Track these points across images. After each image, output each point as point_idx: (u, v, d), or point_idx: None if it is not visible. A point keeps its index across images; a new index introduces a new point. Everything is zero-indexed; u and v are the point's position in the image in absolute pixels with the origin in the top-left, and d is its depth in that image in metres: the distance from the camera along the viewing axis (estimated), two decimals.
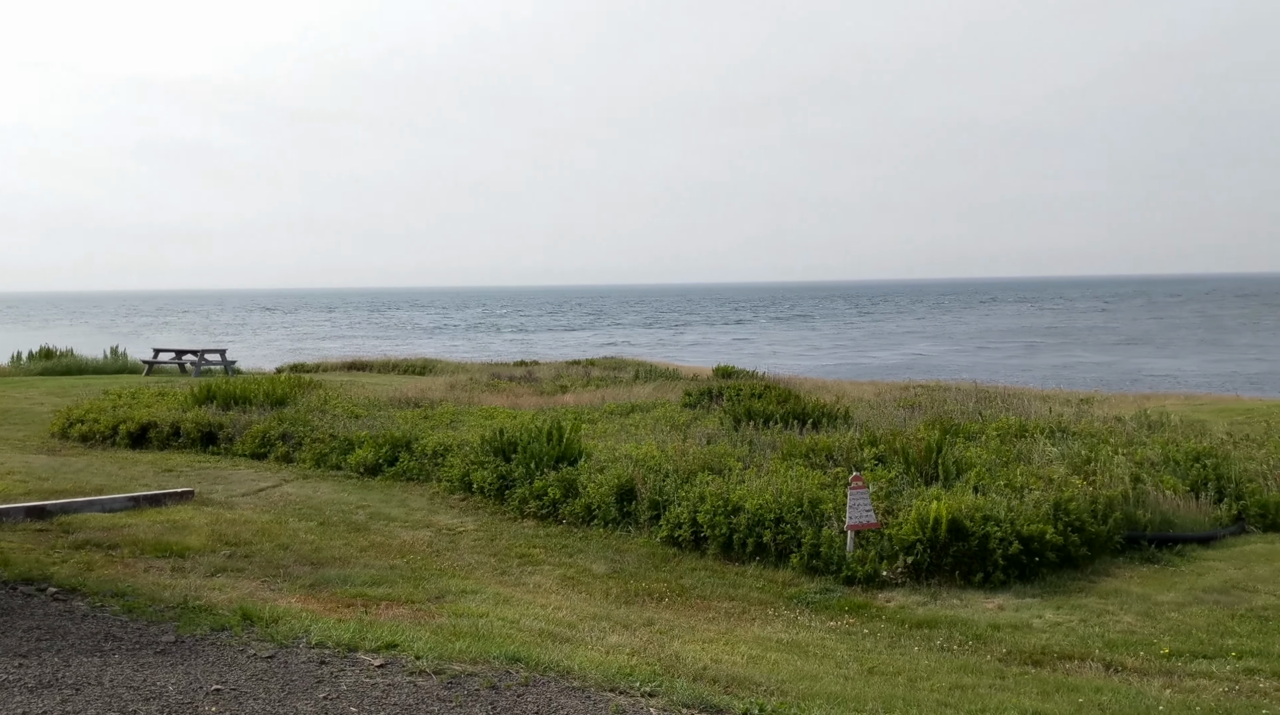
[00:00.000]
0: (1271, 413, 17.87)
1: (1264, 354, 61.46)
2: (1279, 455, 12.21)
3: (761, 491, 10.51)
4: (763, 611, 8.60)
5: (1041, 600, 8.59)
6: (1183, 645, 7.15)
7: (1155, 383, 41.74)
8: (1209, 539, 10.19)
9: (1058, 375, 47.48)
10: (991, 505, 9.66)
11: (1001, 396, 21.82)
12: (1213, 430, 14.25)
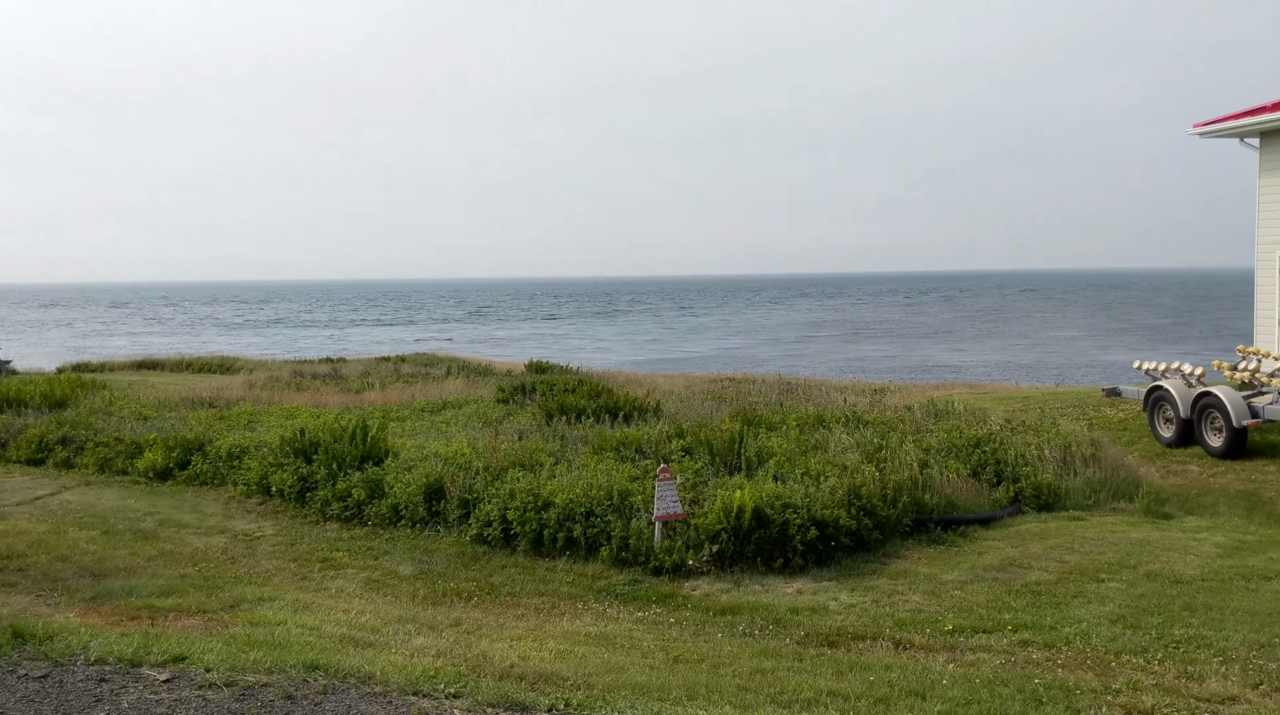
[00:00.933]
0: (1045, 400, 19.22)
1: (1035, 344, 66.15)
2: (1051, 440, 13.12)
3: (572, 486, 10.55)
4: (572, 606, 8.62)
5: (837, 583, 8.95)
6: (965, 621, 7.58)
7: (944, 373, 44.27)
8: (989, 520, 10.87)
9: (855, 366, 49.70)
10: (791, 493, 10.01)
11: (803, 388, 22.64)
12: (993, 418, 15.19)
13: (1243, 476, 12.84)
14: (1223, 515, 11.27)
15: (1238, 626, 7.07)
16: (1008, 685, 6.19)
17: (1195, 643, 6.76)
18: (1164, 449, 14.50)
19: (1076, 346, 63.87)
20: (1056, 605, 7.89)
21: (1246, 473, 12.97)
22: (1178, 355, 41.13)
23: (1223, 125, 18.91)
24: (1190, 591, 8.06)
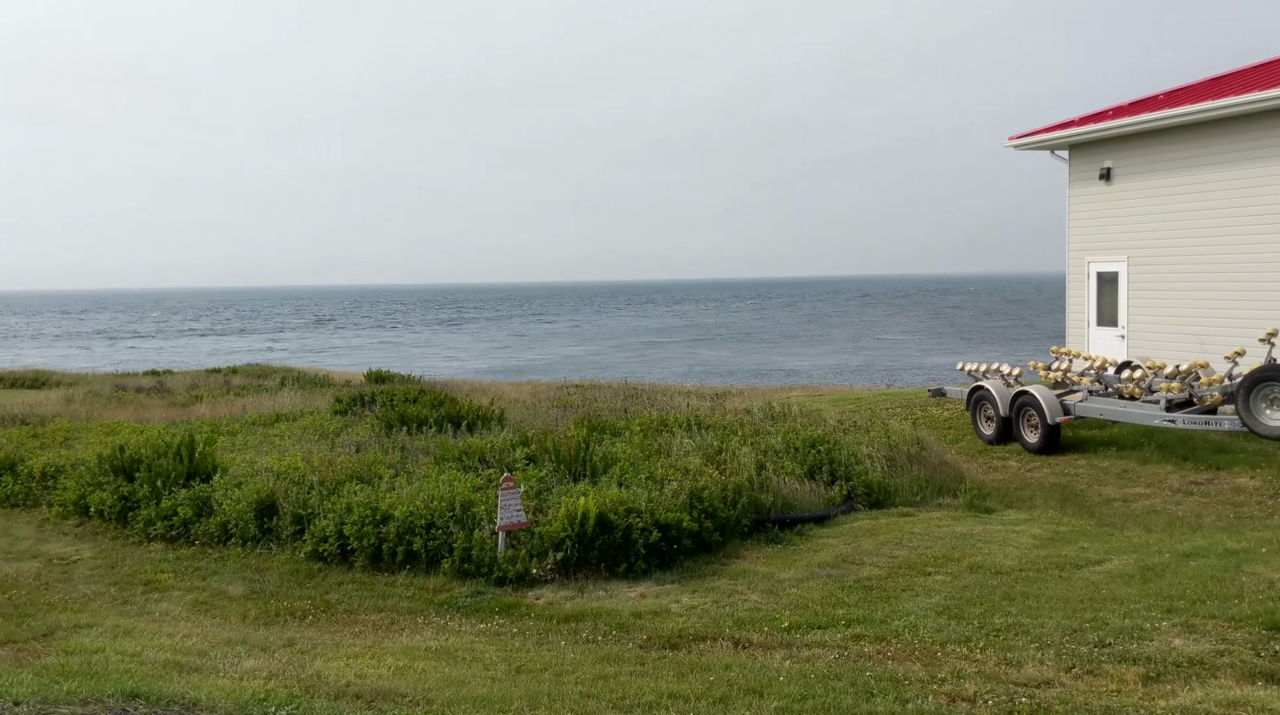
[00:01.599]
0: (876, 401, 19.96)
1: (866, 347, 68.69)
2: (880, 440, 13.62)
3: (412, 498, 10.35)
4: (412, 620, 8.46)
5: (680, 585, 9.06)
6: (801, 618, 7.78)
7: (783, 377, 45.45)
8: (824, 518, 11.20)
9: (699, 371, 50.51)
10: (634, 497, 10.07)
11: (648, 393, 22.86)
12: (827, 418, 15.67)
13: (1057, 470, 13.62)
14: (1039, 508, 11.91)
15: (1052, 613, 7.48)
16: (841, 679, 6.38)
17: (1014, 630, 7.11)
18: (986, 446, 15.25)
19: (904, 349, 66.62)
20: (887, 599, 8.19)
21: (1060, 467, 13.76)
22: (998, 356, 43.38)
23: (1035, 138, 20.04)
24: (1009, 582, 8.49)
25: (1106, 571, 8.67)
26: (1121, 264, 18.95)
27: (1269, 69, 17.59)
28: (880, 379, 39.97)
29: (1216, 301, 16.97)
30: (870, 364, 55.02)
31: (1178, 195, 17.66)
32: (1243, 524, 10.42)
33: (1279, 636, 6.66)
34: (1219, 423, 12.78)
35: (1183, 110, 16.85)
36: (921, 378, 39.22)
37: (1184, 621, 7.05)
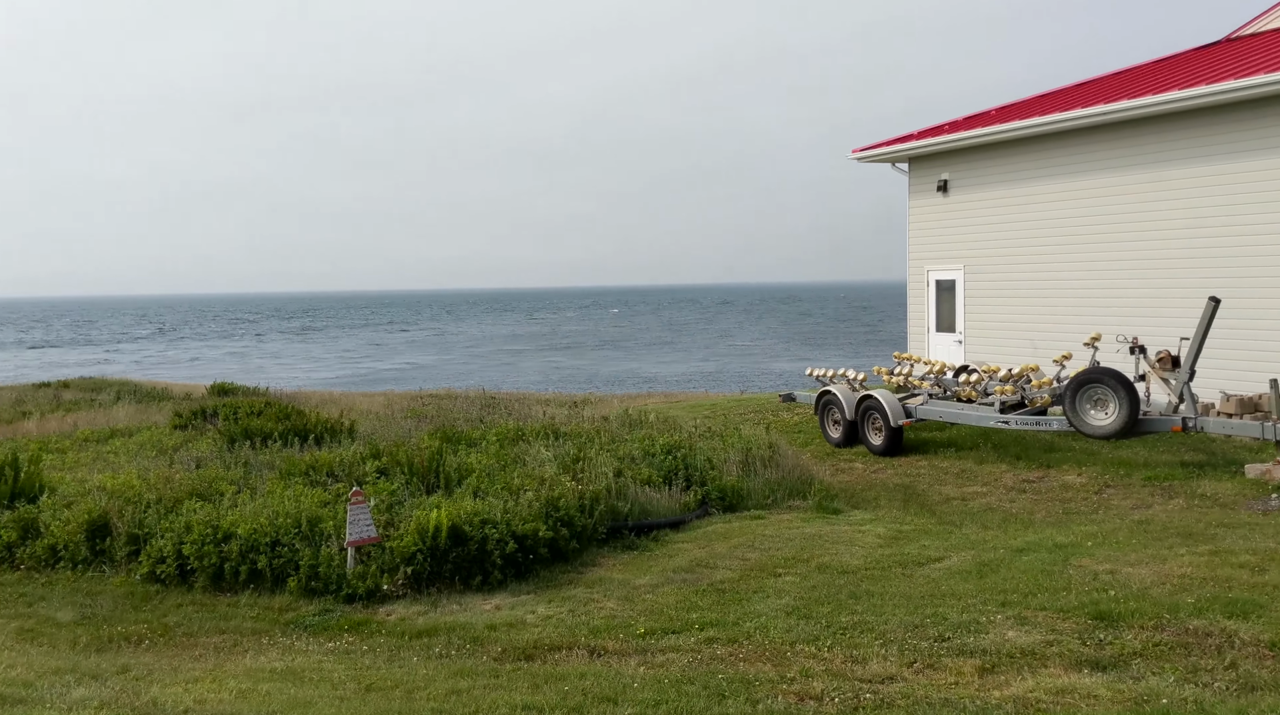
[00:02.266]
0: (731, 407, 20.32)
1: (721, 354, 69.93)
2: (734, 444, 13.86)
3: (256, 515, 9.99)
4: (257, 642, 8.16)
5: (535, 596, 9.01)
6: (656, 624, 7.83)
7: (641, 384, 45.80)
8: (679, 523, 11.32)
9: (559, 379, 50.46)
10: (489, 508, 9.97)
11: (506, 402, 22.70)
12: (684, 425, 15.88)
13: (900, 471, 14.12)
14: (884, 508, 12.32)
15: (895, 610, 7.73)
16: (694, 683, 6.45)
17: (860, 628, 7.33)
18: (834, 449, 15.70)
19: (757, 355, 68.07)
20: (739, 601, 8.32)
21: (903, 468, 14.27)
22: (845, 362, 44.77)
23: (877, 151, 20.77)
24: (856, 580, 8.74)
25: (946, 568, 9.02)
26: (958, 272, 19.80)
27: (1090, 87, 18.68)
28: (735, 385, 40.70)
29: (1046, 308, 17.91)
30: (725, 370, 56.02)
31: (1009, 206, 18.57)
32: (1071, 519, 11.00)
33: (1103, 626, 7.05)
34: (1049, 423, 13.47)
35: (1012, 125, 17.74)
36: (774, 383, 40.13)
37: (1017, 614, 7.39)
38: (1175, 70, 17.14)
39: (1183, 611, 7.22)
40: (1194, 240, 15.43)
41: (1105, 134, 16.61)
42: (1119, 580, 8.15)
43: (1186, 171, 15.45)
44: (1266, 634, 6.69)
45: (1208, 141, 15.12)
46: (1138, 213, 16.23)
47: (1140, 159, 16.12)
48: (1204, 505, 11.00)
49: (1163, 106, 15.28)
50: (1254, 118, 14.49)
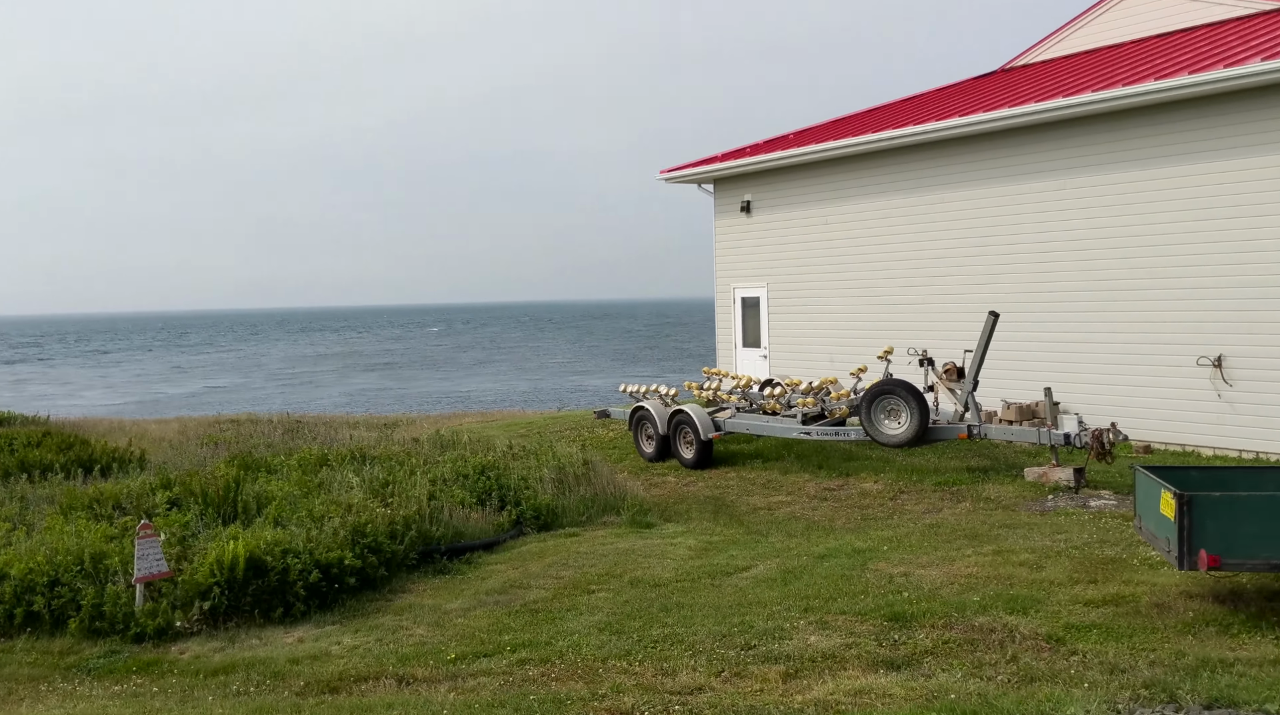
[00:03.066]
0: (547, 424, 20.28)
1: (534, 370, 69.89)
2: (549, 462, 13.84)
3: (33, 553, 9.29)
4: (34, 689, 7.58)
5: (341, 626, 8.72)
6: (467, 648, 7.71)
7: (454, 403, 45.17)
8: (493, 544, 11.20)
9: (367, 400, 49.17)
10: (292, 538, 9.59)
11: (311, 426, 21.93)
12: (498, 444, 15.73)
13: (710, 483, 14.42)
14: (695, 520, 12.54)
15: (704, 621, 7.88)
16: (505, 705, 6.38)
17: (670, 641, 7.43)
18: (647, 463, 15.90)
19: (572, 372, 68.34)
20: (552, 621, 8.29)
21: (713, 480, 14.58)
22: (658, 377, 45.50)
23: (684, 172, 21.25)
24: (667, 593, 8.86)
25: (753, 577, 9.27)
26: (763, 290, 20.45)
27: (879, 113, 19.69)
28: (552, 402, 40.70)
29: (844, 322, 18.71)
30: (542, 388, 55.96)
31: (808, 226, 19.34)
32: (868, 525, 11.48)
33: (898, 626, 7.39)
34: (847, 433, 14.05)
35: (807, 149, 18.49)
36: (590, 400, 40.35)
37: (819, 619, 7.66)
38: (956, 98, 18.27)
39: (969, 609, 7.65)
40: (976, 257, 16.45)
41: (893, 158, 17.53)
42: (912, 582, 8.57)
43: (967, 193, 16.47)
44: (1044, 627, 7.16)
45: (986, 164, 16.17)
46: (924, 232, 17.18)
47: (925, 181, 17.09)
48: (988, 508, 11.69)
49: (943, 132, 16.26)
50: (1028, 142, 15.60)
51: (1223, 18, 16.17)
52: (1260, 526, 6.76)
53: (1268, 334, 13.06)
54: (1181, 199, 13.85)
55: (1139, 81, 13.90)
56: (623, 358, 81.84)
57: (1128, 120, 14.34)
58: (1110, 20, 17.67)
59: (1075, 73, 16.37)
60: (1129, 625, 7.11)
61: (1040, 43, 18.87)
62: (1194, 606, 7.46)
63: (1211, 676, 6.05)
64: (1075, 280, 15.15)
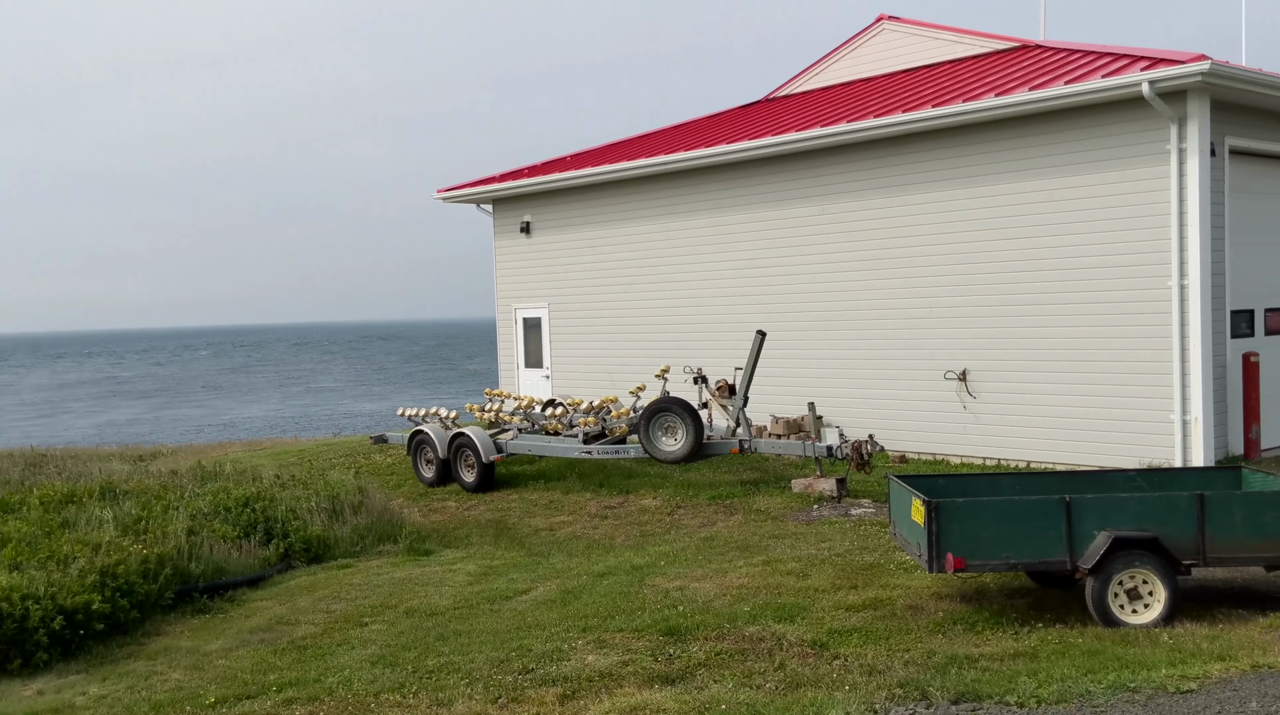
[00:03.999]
0: (320, 452, 19.55)
1: (301, 396, 67.39)
2: (320, 491, 13.34)
3: None
4: None
5: (88, 675, 8.08)
6: (228, 690, 7.29)
7: (220, 432, 42.91)
8: (258, 580, 10.67)
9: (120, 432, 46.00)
10: (31, 582, 8.82)
11: (58, 459, 20.34)
12: (264, 474, 15.03)
13: (492, 507, 14.28)
14: (475, 545, 12.38)
15: (482, 647, 7.76)
16: None
17: (446, 670, 7.27)
18: (427, 489, 15.58)
19: (346, 396, 66.32)
20: (321, 656, 7.97)
21: (495, 503, 14.45)
22: (439, 400, 44.79)
23: (462, 192, 21.06)
24: (444, 621, 8.68)
25: (532, 599, 9.22)
26: (544, 310, 20.50)
27: (653, 139, 20.16)
28: (325, 429, 39.31)
29: (623, 342, 18.98)
30: (315, 413, 53.97)
31: (586, 248, 19.54)
32: (647, 541, 11.66)
33: (673, 641, 7.51)
34: (627, 451, 14.24)
35: (585, 172, 18.71)
36: (367, 425, 39.22)
37: (597, 638, 7.69)
38: (724, 126, 18.94)
39: (740, 620, 7.87)
40: (746, 279, 17.07)
41: (666, 182, 17.98)
42: (687, 596, 8.74)
43: (737, 217, 17.08)
44: (809, 634, 7.45)
45: (754, 189, 16.83)
46: (698, 254, 17.69)
47: (697, 204, 17.61)
48: (759, 519, 12.11)
49: (712, 159, 16.81)
50: (791, 169, 16.33)
51: (963, 55, 17.48)
52: (998, 529, 7.29)
53: (1005, 350, 14.16)
54: (928, 223, 14.84)
55: (889, 113, 14.82)
56: (402, 381, 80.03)
57: (880, 149, 15.26)
58: (864, 55, 18.78)
59: (833, 104, 17.30)
60: (886, 628, 7.50)
61: (801, 74, 19.82)
62: (944, 607, 7.95)
63: (959, 672, 6.46)
64: (836, 299, 15.95)
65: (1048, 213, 13.70)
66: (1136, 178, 12.91)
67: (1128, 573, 7.22)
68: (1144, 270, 12.91)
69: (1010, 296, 14.11)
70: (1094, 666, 6.36)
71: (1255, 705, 5.64)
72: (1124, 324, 13.10)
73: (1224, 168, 13.06)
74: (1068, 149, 13.47)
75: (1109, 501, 7.33)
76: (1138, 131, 12.86)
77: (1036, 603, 7.93)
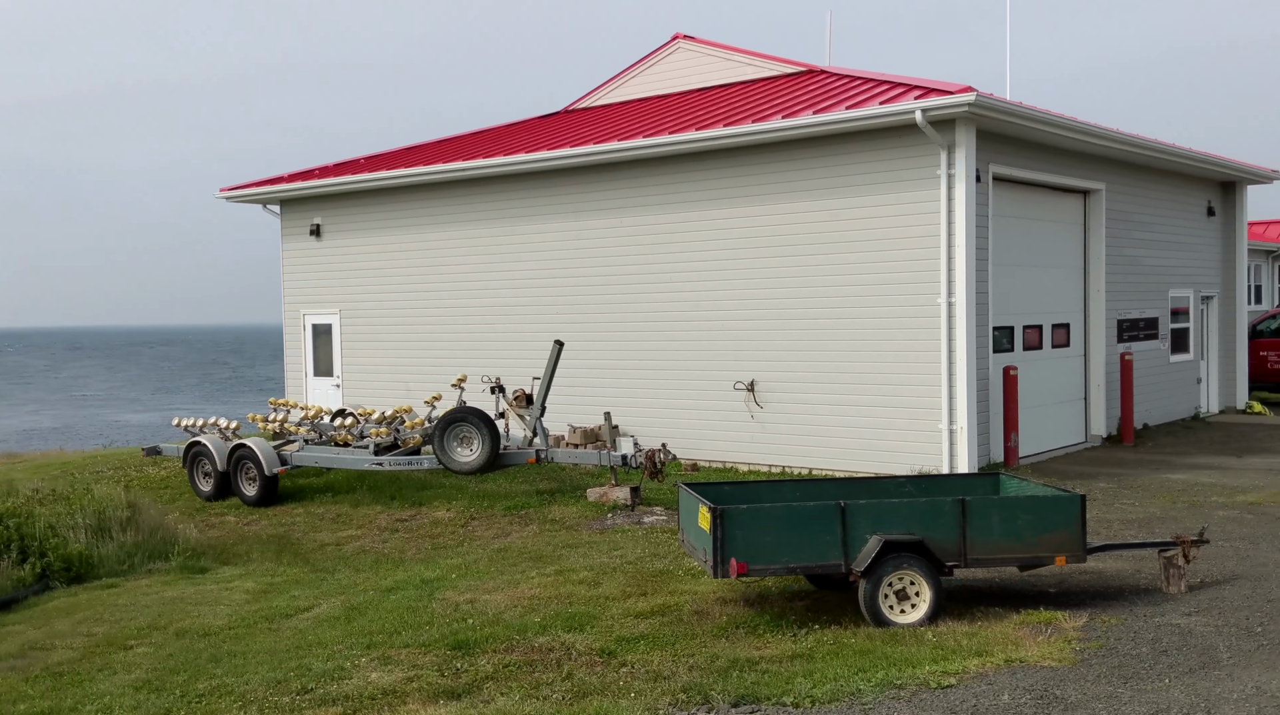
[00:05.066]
0: (87, 464, 18.27)
1: (68, 405, 63.04)
2: (85, 507, 12.46)
3: None
4: None
5: None
6: None
7: None
8: (11, 602, 9.88)
9: None
10: None
11: None
12: (20, 489, 13.93)
13: (275, 521, 13.71)
14: (256, 561, 11.85)
15: (258, 668, 7.42)
16: None
17: (218, 693, 6.91)
18: (205, 503, 14.81)
19: (116, 405, 62.37)
20: (79, 684, 7.43)
21: (279, 517, 13.88)
22: (219, 410, 42.68)
23: (247, 191, 20.18)
24: (217, 642, 8.26)
25: (315, 616, 8.89)
26: (335, 316, 19.88)
27: (452, 144, 19.91)
28: (92, 440, 36.79)
29: (419, 350, 18.64)
30: (82, 423, 50.41)
31: (381, 253, 19.09)
32: (439, 554, 11.46)
33: (461, 655, 7.40)
34: (421, 462, 13.96)
35: (378, 175, 18.30)
36: (140, 436, 36.92)
37: (381, 654, 7.49)
38: (524, 134, 18.91)
39: (530, 631, 7.84)
40: (545, 289, 17.08)
41: (463, 188, 17.79)
42: (478, 608, 8.64)
43: (537, 226, 17.07)
44: (598, 642, 7.49)
45: (553, 199, 16.87)
46: (496, 262, 17.57)
47: (495, 213, 17.50)
48: (554, 529, 12.11)
49: (511, 167, 16.76)
50: (589, 180, 16.47)
51: (754, 77, 18.11)
52: (779, 535, 7.55)
53: (789, 362, 14.73)
54: (719, 237, 15.28)
55: (683, 130, 15.17)
56: (181, 390, 75.77)
57: (674, 164, 15.61)
58: (661, 72, 19.16)
59: (631, 118, 17.56)
60: (673, 633, 7.64)
61: (601, 87, 20.03)
62: (728, 611, 8.17)
63: (740, 675, 6.64)
64: (633, 311, 16.18)
65: (830, 232, 14.35)
66: (910, 200, 13.70)
67: (897, 575, 7.61)
68: (916, 288, 13.71)
69: (794, 311, 14.68)
70: (865, 665, 6.67)
71: (1007, 698, 6.05)
72: (898, 339, 13.86)
73: (988, 193, 14.04)
74: (849, 171, 14.16)
75: (880, 507, 7.71)
76: (912, 157, 13.65)
77: (814, 605, 8.25)
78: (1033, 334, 15.68)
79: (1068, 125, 14.45)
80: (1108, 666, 6.53)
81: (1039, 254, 15.78)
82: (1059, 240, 16.34)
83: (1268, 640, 6.98)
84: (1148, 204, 18.20)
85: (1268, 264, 29.89)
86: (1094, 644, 6.96)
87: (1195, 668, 6.49)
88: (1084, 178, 16.31)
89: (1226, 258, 21.09)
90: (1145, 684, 6.22)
